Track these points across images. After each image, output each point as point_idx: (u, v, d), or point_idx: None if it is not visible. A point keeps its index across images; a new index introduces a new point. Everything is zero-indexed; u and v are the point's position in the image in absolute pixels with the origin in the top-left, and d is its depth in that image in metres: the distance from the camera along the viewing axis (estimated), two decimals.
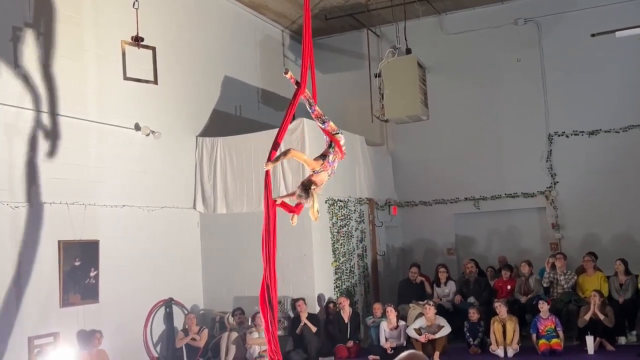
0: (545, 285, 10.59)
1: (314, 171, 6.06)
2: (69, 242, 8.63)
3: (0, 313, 7.64)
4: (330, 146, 6.21)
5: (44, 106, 8.54)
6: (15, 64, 8.24)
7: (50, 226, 8.41)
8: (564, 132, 12.69)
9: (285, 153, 6.20)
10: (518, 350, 9.49)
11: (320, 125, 6.27)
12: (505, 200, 13.03)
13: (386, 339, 9.90)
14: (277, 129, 10.86)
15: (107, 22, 9.52)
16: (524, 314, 10.42)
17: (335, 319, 10.29)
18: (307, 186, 5.93)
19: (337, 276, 10.97)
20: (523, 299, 10.61)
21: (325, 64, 14.01)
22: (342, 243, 11.19)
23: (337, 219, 11.18)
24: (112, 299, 9.14)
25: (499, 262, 12.05)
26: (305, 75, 6.48)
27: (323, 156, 6.16)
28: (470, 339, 9.91)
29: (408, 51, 12.23)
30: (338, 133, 6.25)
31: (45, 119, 8.54)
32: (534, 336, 9.54)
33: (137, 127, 9.94)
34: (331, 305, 10.51)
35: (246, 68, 12.93)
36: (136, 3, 8.09)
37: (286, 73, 6.40)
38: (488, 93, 13.31)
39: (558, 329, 9.46)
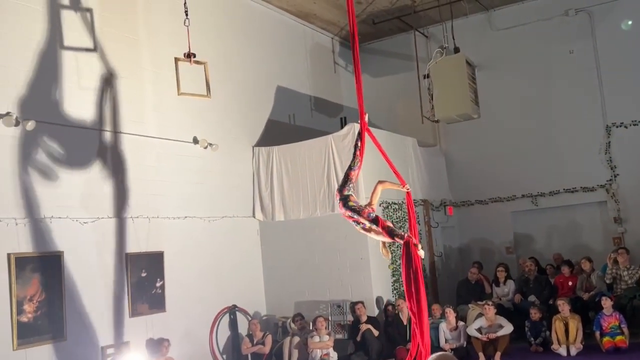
0: (608, 281, 10.37)
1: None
2: (135, 255, 9.00)
3: (77, 324, 8.07)
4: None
5: (107, 125, 8.95)
6: (79, 86, 8.67)
7: (117, 239, 8.81)
8: (622, 123, 12.39)
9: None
10: (581, 348, 9.35)
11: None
12: (564, 196, 12.81)
13: (446, 340, 9.92)
14: (327, 135, 11.06)
15: (161, 40, 9.87)
16: (587, 311, 10.24)
17: (395, 321, 10.35)
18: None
19: (394, 278, 11.03)
20: (585, 296, 10.44)
21: (374, 68, 14.21)
22: (398, 245, 11.20)
23: (392, 221, 11.23)
24: (178, 307, 9.49)
25: (554, 260, 11.88)
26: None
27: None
28: (532, 338, 9.81)
29: (456, 50, 12.20)
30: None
31: (108, 137, 8.96)
32: (597, 334, 9.37)
33: (195, 140, 10.28)
34: (390, 307, 10.57)
35: (298, 77, 13.15)
36: (187, 21, 8.37)
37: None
38: (541, 87, 13.12)
39: (622, 325, 9.26)
